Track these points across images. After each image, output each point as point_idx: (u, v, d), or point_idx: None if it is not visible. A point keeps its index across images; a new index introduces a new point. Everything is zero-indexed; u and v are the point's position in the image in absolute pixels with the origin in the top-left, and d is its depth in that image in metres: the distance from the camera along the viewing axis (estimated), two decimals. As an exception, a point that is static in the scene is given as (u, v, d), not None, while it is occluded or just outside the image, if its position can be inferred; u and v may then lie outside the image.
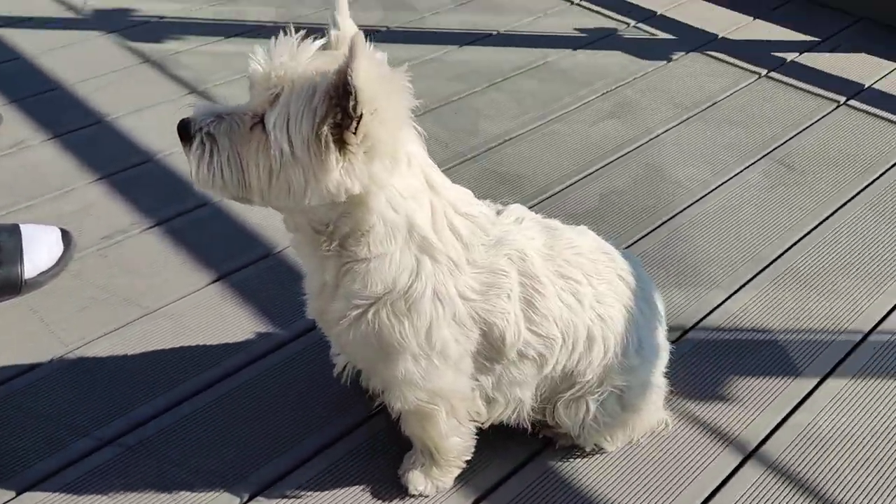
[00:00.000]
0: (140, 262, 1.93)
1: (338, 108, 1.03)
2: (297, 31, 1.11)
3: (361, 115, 1.01)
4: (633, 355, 1.41)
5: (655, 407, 1.53)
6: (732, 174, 2.29)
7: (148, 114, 2.45)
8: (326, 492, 1.46)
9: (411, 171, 1.16)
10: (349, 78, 0.99)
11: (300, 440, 1.53)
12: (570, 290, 1.32)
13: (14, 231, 1.82)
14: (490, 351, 1.31)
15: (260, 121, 1.07)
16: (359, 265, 1.18)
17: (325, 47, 1.12)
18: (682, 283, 1.91)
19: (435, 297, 1.21)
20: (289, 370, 1.68)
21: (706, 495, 1.47)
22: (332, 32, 1.14)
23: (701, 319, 1.83)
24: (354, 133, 1.03)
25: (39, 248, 1.82)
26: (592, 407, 1.42)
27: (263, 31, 2.87)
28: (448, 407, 1.35)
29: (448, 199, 1.21)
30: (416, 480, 1.45)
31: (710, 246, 2.02)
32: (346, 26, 1.14)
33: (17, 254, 1.78)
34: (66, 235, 1.88)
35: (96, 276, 1.88)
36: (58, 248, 1.85)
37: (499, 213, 1.32)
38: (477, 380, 1.36)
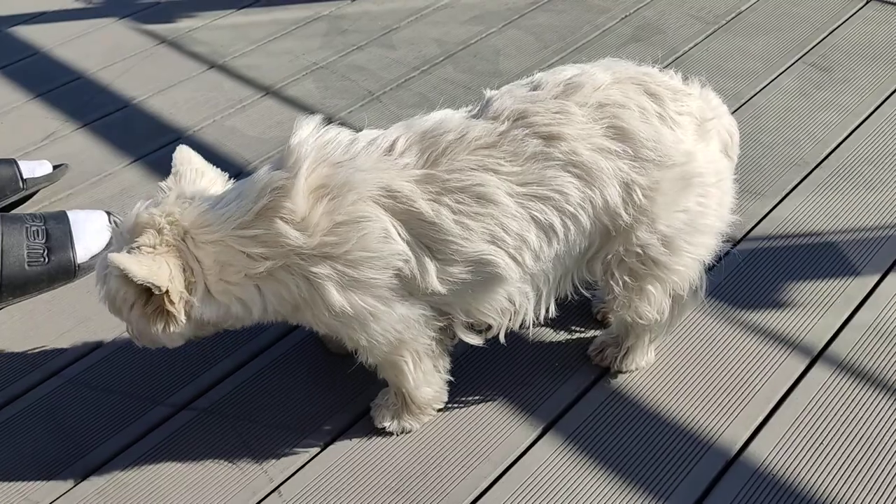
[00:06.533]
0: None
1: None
2: None
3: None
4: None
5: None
6: (766, 82, 2.24)
7: (173, 93, 2.46)
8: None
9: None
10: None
11: (355, 397, 1.56)
12: (472, 195, 1.19)
13: (62, 218, 1.85)
14: (420, 288, 1.25)
15: None
16: None
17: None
18: (728, 196, 1.88)
19: (310, 287, 1.21)
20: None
21: (777, 399, 1.47)
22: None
23: (751, 229, 1.81)
24: None
25: (89, 233, 1.85)
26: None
27: (273, 0, 2.85)
28: (413, 357, 1.36)
29: (240, 227, 1.20)
30: (384, 417, 1.48)
31: (751, 156, 1.98)
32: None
33: (66, 239, 1.81)
34: (111, 218, 1.90)
35: (146, 254, 1.90)
36: (106, 232, 1.87)
37: (350, 144, 1.24)
38: (445, 313, 1.33)
